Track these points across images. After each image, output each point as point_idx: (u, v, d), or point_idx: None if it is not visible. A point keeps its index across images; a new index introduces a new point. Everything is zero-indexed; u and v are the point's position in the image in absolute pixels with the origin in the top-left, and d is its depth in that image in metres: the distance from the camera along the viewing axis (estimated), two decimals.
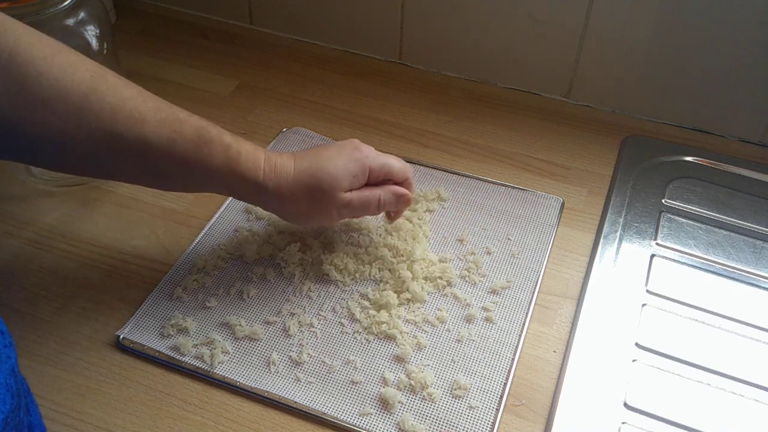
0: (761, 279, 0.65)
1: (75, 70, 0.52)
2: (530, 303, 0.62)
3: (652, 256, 0.67)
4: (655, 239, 0.68)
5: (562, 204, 0.72)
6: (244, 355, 0.58)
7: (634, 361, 0.59)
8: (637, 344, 0.60)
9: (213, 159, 0.55)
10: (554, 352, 0.59)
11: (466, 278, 0.64)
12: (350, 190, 0.59)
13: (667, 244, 0.68)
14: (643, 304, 0.63)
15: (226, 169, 0.55)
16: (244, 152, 0.56)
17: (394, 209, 0.64)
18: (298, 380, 0.57)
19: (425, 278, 0.63)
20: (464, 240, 0.68)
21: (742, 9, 0.71)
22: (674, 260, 0.66)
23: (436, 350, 0.59)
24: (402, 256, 0.65)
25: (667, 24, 0.74)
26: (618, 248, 0.67)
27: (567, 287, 0.64)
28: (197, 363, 0.57)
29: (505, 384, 0.57)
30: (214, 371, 0.57)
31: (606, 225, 0.69)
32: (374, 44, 0.89)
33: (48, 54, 0.51)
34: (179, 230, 0.69)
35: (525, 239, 0.68)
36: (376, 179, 0.61)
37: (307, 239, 0.66)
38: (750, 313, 0.62)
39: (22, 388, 0.42)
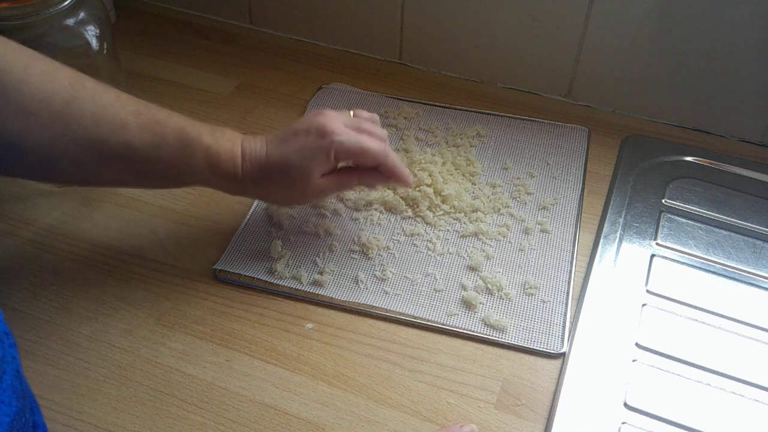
0: (761, 279, 0.65)
1: (53, 77, 0.52)
2: (577, 216, 0.70)
3: (652, 256, 0.67)
4: (655, 239, 0.68)
5: (589, 132, 0.79)
6: (333, 278, 0.64)
7: (634, 361, 0.59)
8: (637, 344, 0.60)
9: (195, 161, 0.57)
10: (554, 352, 0.59)
11: (517, 198, 0.72)
12: (325, 174, 0.60)
13: (667, 244, 0.68)
14: (643, 304, 0.63)
15: (207, 171, 0.58)
16: (223, 152, 0.58)
17: (378, 184, 0.65)
18: (386, 293, 0.63)
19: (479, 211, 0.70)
20: (508, 167, 0.75)
21: (742, 9, 0.71)
22: (674, 260, 0.66)
23: (503, 259, 0.66)
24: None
25: (667, 24, 0.74)
26: (618, 248, 0.67)
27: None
28: (293, 284, 0.63)
29: (569, 280, 0.64)
30: (310, 290, 0.63)
31: (606, 225, 0.69)
32: (374, 44, 0.89)
33: (24, 63, 0.52)
34: (179, 230, 0.69)
35: (561, 163, 0.76)
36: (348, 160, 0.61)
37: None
38: (750, 313, 0.62)
39: (26, 390, 0.42)
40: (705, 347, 0.59)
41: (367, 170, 0.61)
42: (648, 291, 0.64)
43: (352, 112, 0.64)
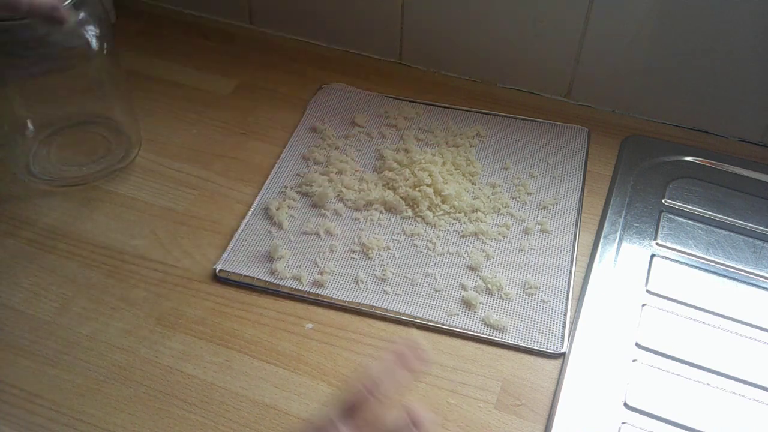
0: (761, 279, 0.65)
1: None
2: (577, 216, 0.70)
3: (652, 256, 0.67)
4: (655, 239, 0.68)
5: (589, 132, 0.79)
6: (333, 278, 0.64)
7: (634, 361, 0.59)
8: (637, 344, 0.60)
9: None
10: (554, 352, 0.59)
11: (517, 198, 0.72)
12: None
13: (667, 244, 0.68)
14: (643, 304, 0.63)
15: None
16: None
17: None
18: (386, 293, 0.63)
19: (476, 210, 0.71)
20: (508, 167, 0.75)
21: (742, 9, 0.71)
22: (674, 260, 0.66)
23: (503, 259, 0.66)
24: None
25: (667, 24, 0.74)
26: (618, 248, 0.67)
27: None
28: (294, 284, 0.63)
29: (569, 280, 0.64)
30: (310, 290, 0.63)
31: (606, 225, 0.69)
32: (374, 44, 0.89)
33: None
34: (179, 230, 0.69)
35: (561, 163, 0.76)
36: None
37: (365, 174, 0.74)
38: (750, 313, 0.62)
39: None
40: (705, 347, 0.59)
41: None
42: (648, 291, 0.64)
43: None
